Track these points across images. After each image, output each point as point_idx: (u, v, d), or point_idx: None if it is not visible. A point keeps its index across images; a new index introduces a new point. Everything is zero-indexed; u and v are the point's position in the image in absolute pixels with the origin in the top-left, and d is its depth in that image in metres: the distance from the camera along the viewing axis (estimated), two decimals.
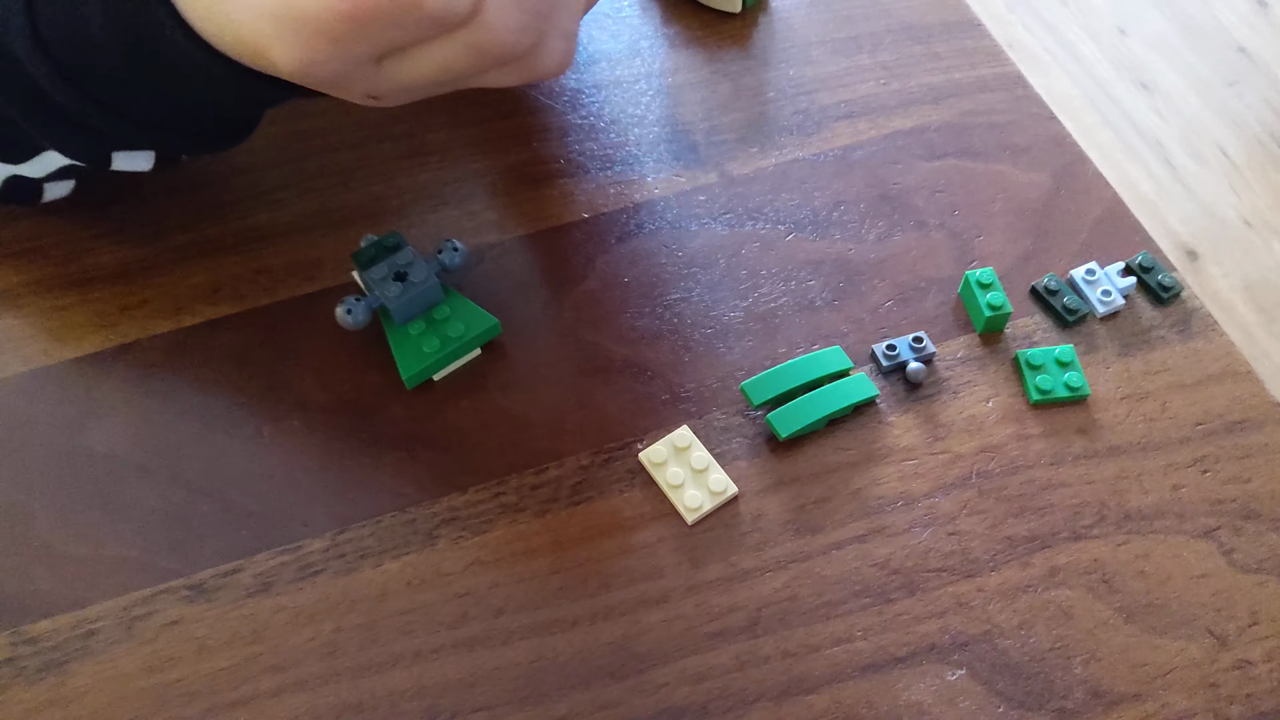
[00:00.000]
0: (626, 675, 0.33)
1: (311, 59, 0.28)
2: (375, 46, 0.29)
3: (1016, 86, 0.48)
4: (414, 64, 0.30)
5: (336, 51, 0.28)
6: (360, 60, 0.29)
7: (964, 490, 0.37)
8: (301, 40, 0.28)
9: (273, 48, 0.28)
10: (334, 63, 0.28)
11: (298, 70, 0.28)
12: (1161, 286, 0.41)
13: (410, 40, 0.29)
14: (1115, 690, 0.33)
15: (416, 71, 0.30)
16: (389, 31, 0.28)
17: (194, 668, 0.33)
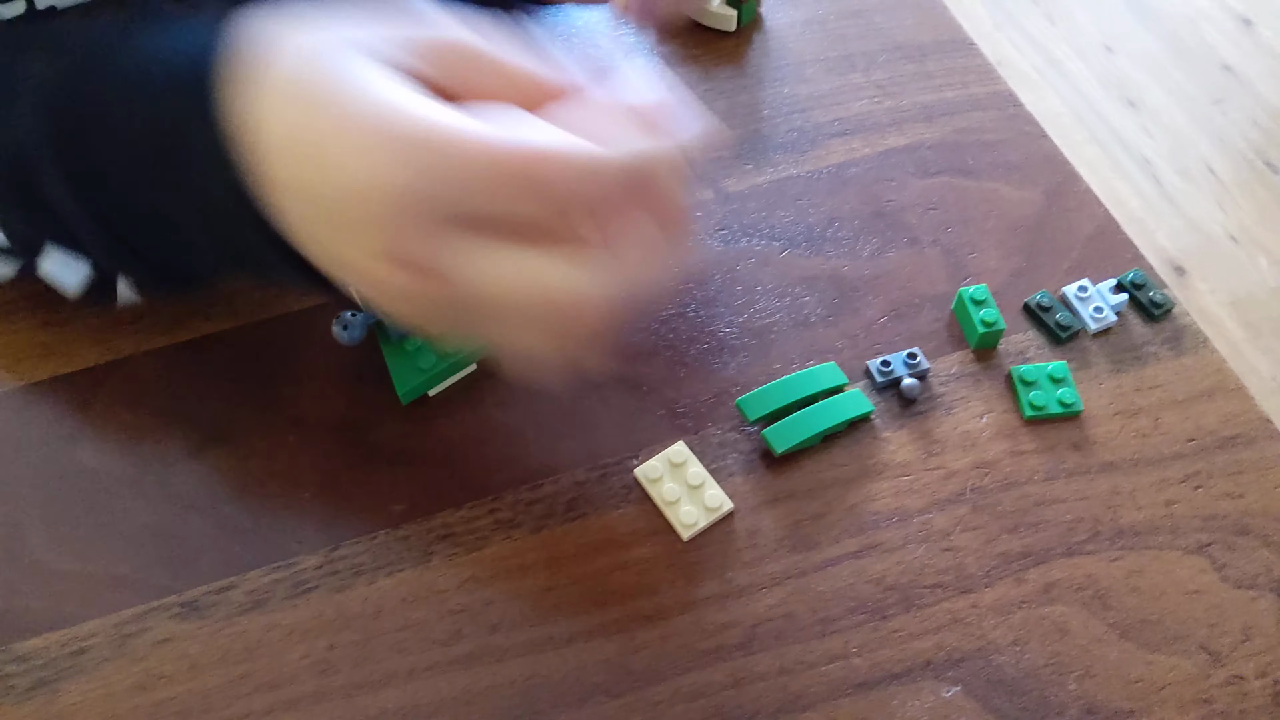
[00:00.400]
0: (622, 693, 0.33)
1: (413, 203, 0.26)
2: (486, 210, 0.26)
3: (1008, 105, 0.49)
4: (501, 263, 0.26)
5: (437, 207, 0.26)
6: (458, 231, 0.26)
7: (958, 506, 0.37)
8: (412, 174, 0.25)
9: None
10: (430, 223, 0.26)
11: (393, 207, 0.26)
12: (1153, 303, 0.42)
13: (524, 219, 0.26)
14: (1110, 706, 0.33)
15: (498, 272, 0.26)
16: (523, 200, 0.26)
17: (186, 686, 0.33)
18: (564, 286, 0.27)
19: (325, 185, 0.27)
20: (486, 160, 0.26)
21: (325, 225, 0.28)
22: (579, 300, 0.27)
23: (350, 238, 0.27)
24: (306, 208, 0.28)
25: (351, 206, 0.27)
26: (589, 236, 0.27)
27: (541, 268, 0.27)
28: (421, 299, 0.27)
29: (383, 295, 0.28)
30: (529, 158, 0.26)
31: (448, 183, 0.26)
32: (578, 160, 0.26)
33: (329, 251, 0.28)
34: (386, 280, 0.27)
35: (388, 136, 0.26)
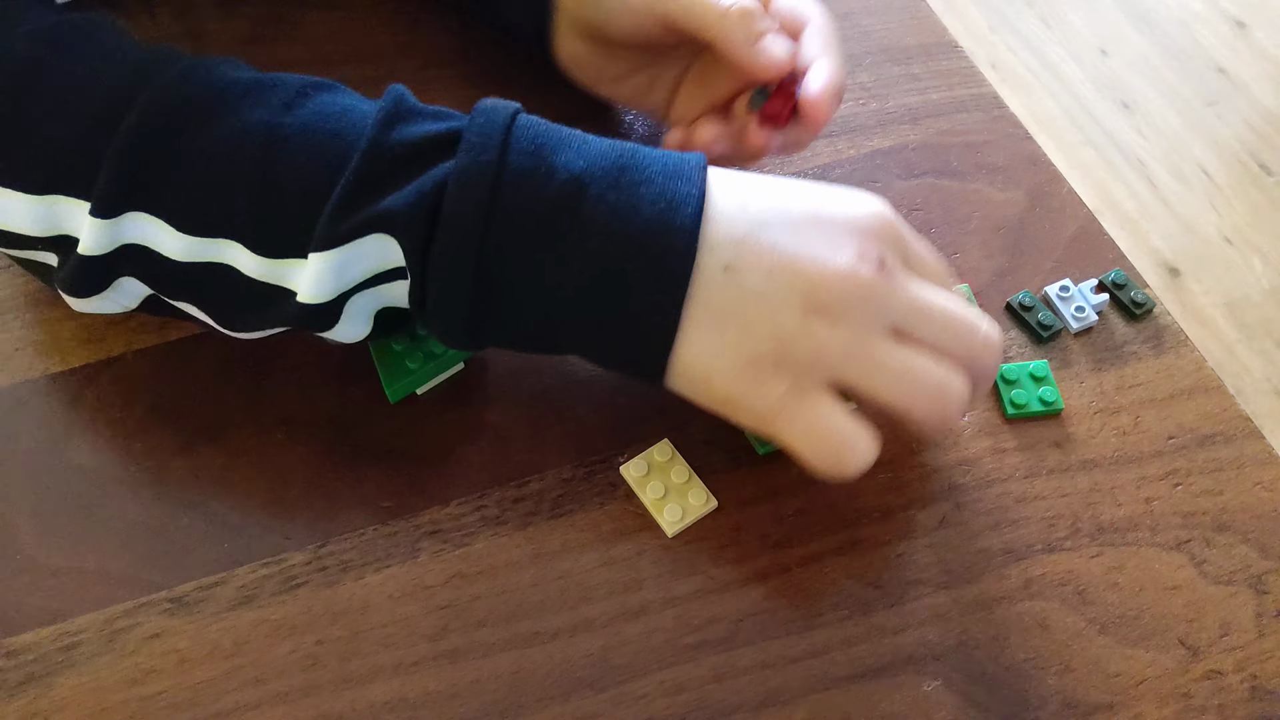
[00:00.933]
0: (606, 687, 0.33)
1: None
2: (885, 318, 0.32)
3: (993, 107, 0.49)
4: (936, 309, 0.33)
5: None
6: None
7: (940, 503, 0.37)
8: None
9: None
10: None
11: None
12: (1134, 303, 0.42)
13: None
14: (1089, 700, 0.33)
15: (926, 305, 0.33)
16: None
17: (175, 680, 0.33)
18: (982, 331, 0.34)
19: (798, 202, 0.33)
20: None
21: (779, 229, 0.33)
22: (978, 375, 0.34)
23: (825, 232, 0.32)
24: (768, 214, 0.33)
25: (837, 211, 0.33)
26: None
27: (966, 313, 0.34)
28: (860, 297, 0.31)
29: (811, 305, 0.32)
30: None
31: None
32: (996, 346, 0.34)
33: (769, 253, 0.32)
34: (842, 262, 0.31)
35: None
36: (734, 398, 0.33)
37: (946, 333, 0.33)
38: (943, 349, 0.32)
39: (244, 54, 0.50)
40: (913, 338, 0.32)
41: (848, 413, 0.32)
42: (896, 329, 0.32)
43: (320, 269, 0.32)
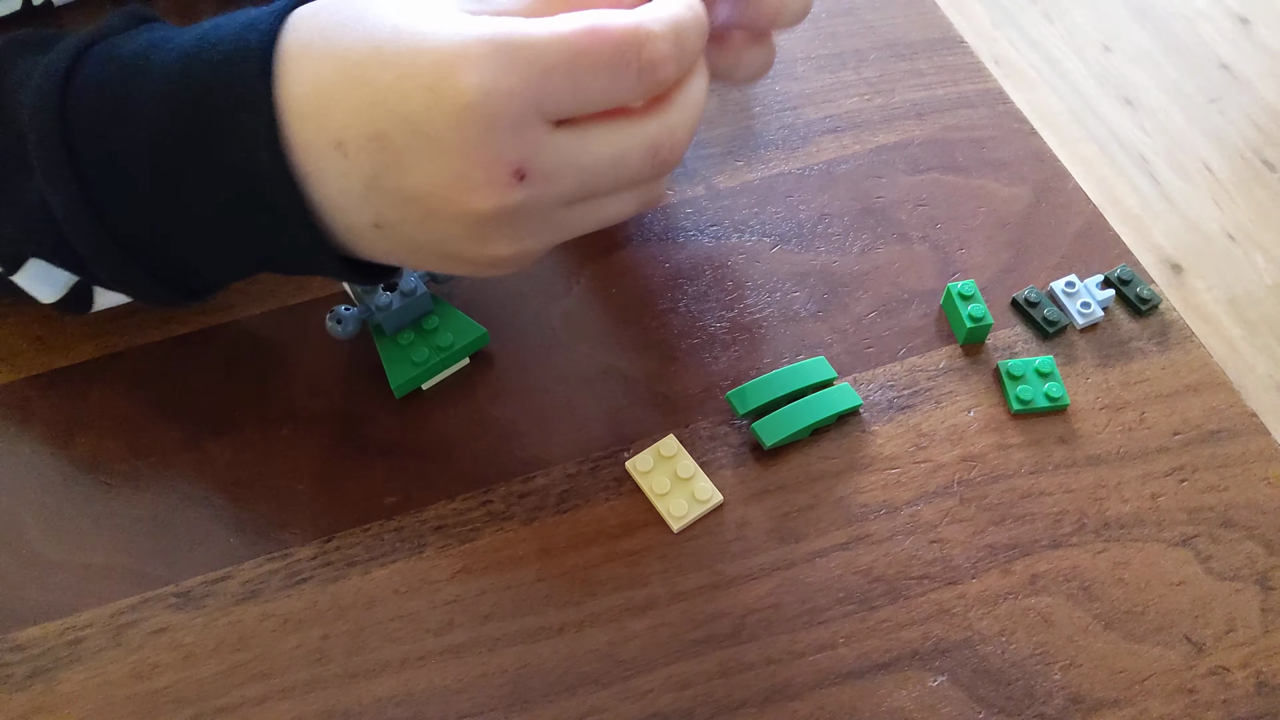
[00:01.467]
0: (612, 682, 0.33)
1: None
2: (572, 101, 0.27)
3: (998, 102, 0.49)
4: (589, 145, 0.28)
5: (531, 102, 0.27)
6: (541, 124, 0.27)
7: (946, 499, 0.37)
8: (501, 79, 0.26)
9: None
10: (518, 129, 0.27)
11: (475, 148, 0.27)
12: (1140, 299, 0.42)
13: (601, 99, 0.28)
14: (1094, 696, 0.33)
15: (590, 157, 0.28)
16: (597, 80, 0.27)
17: (181, 675, 0.33)
18: (661, 137, 0.29)
19: (393, 119, 0.27)
20: (566, 48, 0.26)
21: (399, 170, 0.27)
22: (676, 144, 0.29)
23: (440, 167, 0.27)
24: (373, 157, 0.27)
25: (438, 129, 0.26)
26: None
27: (639, 128, 0.29)
28: (518, 211, 0.28)
29: (476, 233, 0.28)
30: (625, 37, 0.27)
31: (533, 79, 0.26)
32: (677, 22, 0.28)
33: (407, 205, 0.28)
34: (480, 208, 0.27)
35: (455, 47, 0.26)
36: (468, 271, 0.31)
37: (623, 174, 0.29)
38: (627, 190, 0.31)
39: None
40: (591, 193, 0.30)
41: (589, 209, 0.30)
42: (573, 194, 0.29)
43: (25, 283, 0.33)
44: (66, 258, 0.33)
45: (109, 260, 0.32)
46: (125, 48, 0.30)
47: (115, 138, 0.30)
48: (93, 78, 0.30)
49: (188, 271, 0.33)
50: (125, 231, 0.31)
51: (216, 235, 0.31)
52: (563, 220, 0.30)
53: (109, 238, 0.31)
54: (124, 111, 0.29)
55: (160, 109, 0.29)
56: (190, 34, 0.30)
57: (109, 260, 0.32)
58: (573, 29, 0.27)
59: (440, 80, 0.26)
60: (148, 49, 0.30)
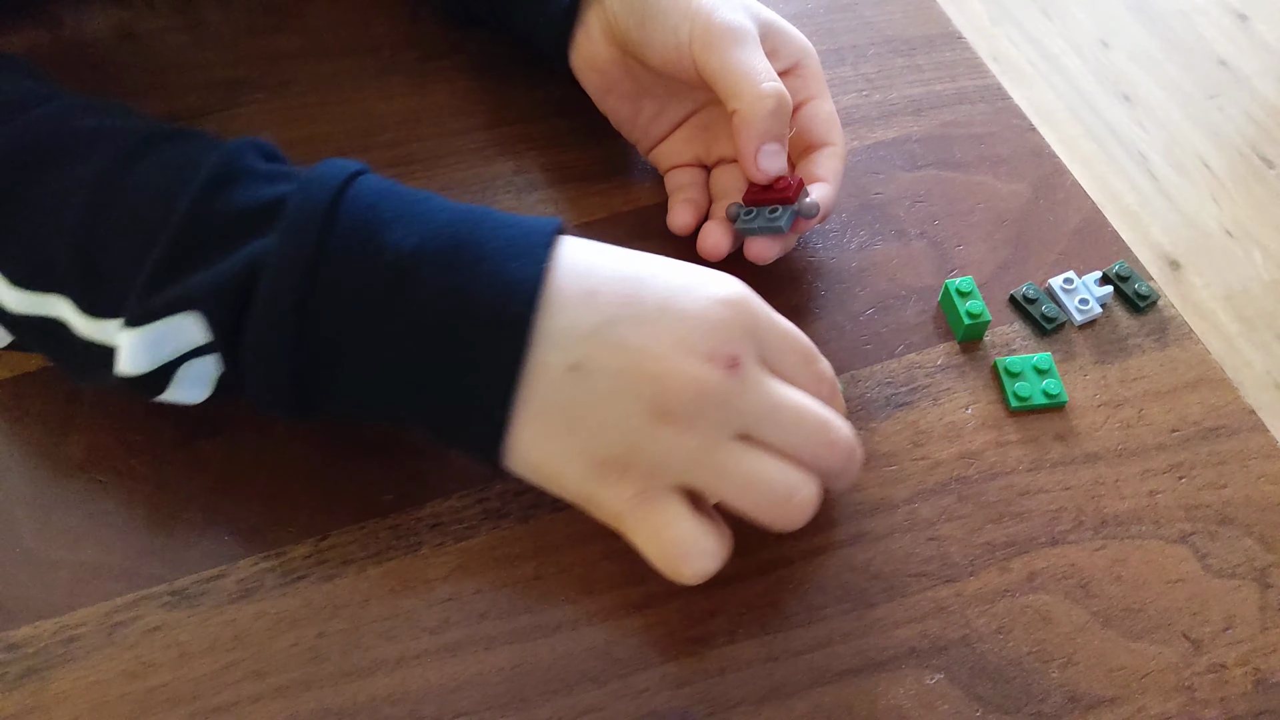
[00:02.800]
0: (608, 680, 0.33)
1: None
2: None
3: (997, 98, 0.49)
4: (788, 391, 0.32)
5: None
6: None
7: (943, 496, 0.37)
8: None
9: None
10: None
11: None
12: (1138, 295, 0.42)
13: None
14: (1092, 694, 0.33)
15: (782, 397, 0.31)
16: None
17: (175, 674, 0.33)
18: (835, 428, 0.32)
19: (649, 290, 0.31)
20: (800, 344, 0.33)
21: (634, 321, 0.31)
22: (843, 439, 0.33)
23: (672, 328, 0.30)
24: (617, 307, 0.31)
25: (685, 304, 0.31)
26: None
27: (819, 409, 0.32)
28: (711, 400, 0.30)
29: (663, 407, 0.30)
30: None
31: (769, 320, 0.32)
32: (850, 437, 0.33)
33: (620, 351, 0.31)
34: (687, 371, 0.30)
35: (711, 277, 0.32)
36: (584, 496, 0.32)
37: (796, 434, 0.31)
38: (791, 451, 0.31)
39: (243, 44, 0.50)
40: (761, 440, 0.31)
41: (693, 519, 0.31)
42: (746, 432, 0.31)
43: (133, 344, 0.31)
44: (226, 327, 0.31)
45: (271, 342, 0.31)
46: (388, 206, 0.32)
47: (354, 299, 0.31)
48: (356, 206, 0.31)
49: (326, 382, 0.32)
50: (307, 326, 0.31)
51: (397, 365, 0.31)
52: (727, 454, 0.31)
53: (293, 323, 0.31)
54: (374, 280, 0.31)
55: (414, 354, 0.31)
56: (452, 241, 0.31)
57: (271, 342, 0.31)
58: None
59: (702, 283, 0.32)
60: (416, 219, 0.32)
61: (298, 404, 0.32)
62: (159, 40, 0.49)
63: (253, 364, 0.31)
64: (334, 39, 0.50)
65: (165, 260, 0.31)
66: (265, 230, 0.31)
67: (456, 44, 0.50)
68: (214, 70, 0.48)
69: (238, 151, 0.32)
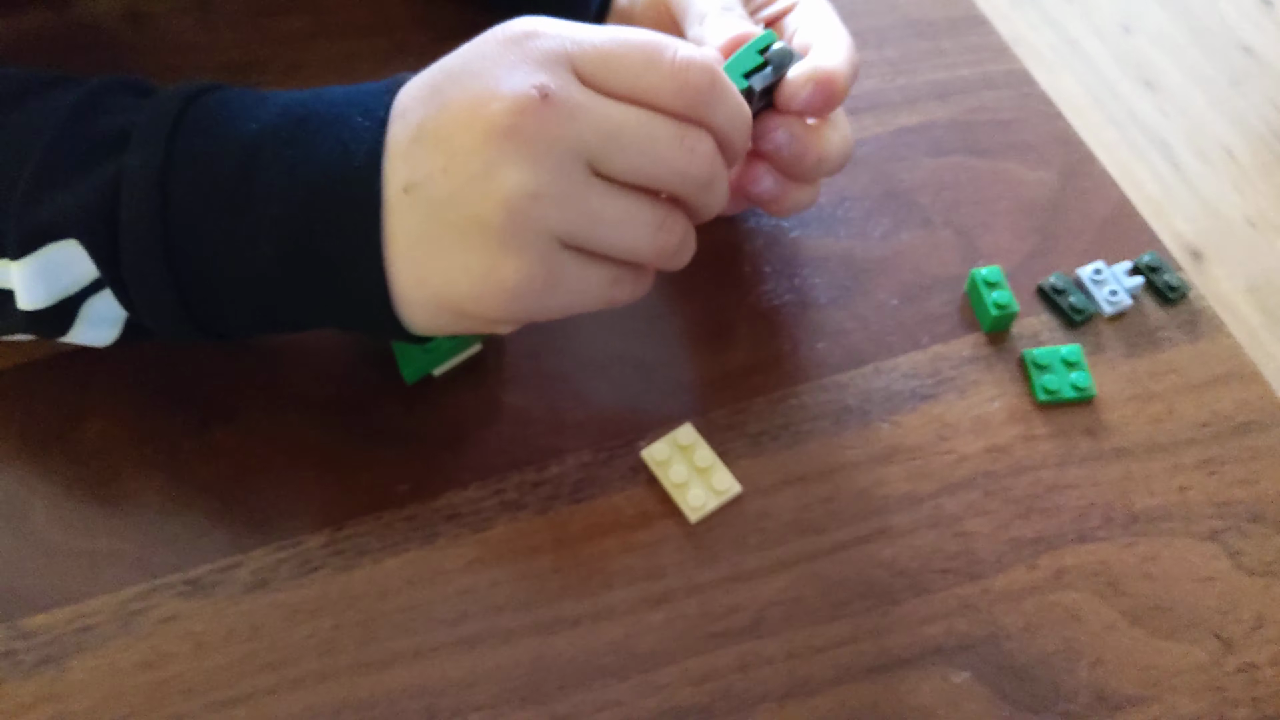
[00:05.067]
0: (629, 675, 0.33)
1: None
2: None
3: (1023, 84, 0.48)
4: (617, 108, 0.29)
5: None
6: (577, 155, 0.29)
7: (970, 491, 0.36)
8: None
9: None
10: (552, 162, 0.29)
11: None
12: (1169, 287, 0.41)
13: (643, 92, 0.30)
14: (1121, 693, 0.33)
15: (615, 117, 0.29)
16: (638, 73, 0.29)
17: (191, 664, 0.33)
18: (692, 142, 0.30)
19: (446, 71, 0.30)
20: (602, 31, 0.30)
21: (439, 109, 0.29)
22: (705, 159, 0.31)
23: (471, 87, 0.29)
24: (423, 107, 0.30)
25: (477, 61, 0.30)
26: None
27: (672, 124, 0.30)
28: (537, 134, 0.28)
29: (494, 157, 0.29)
30: (660, 40, 0.30)
31: (568, 39, 0.30)
32: (709, 63, 0.30)
33: (437, 146, 0.29)
34: (500, 117, 0.28)
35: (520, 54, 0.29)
36: (487, 308, 0.31)
37: (650, 149, 0.30)
38: (649, 169, 0.30)
39: (253, 26, 0.49)
40: (613, 174, 0.30)
41: (599, 260, 0.31)
42: (592, 164, 0.29)
43: (23, 277, 0.31)
44: (103, 251, 0.31)
45: (150, 271, 0.31)
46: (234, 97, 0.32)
47: (207, 163, 0.31)
48: (204, 111, 0.31)
49: (219, 305, 0.33)
50: (181, 244, 0.31)
51: (256, 221, 0.31)
52: (581, 193, 0.29)
53: (164, 251, 0.31)
54: (223, 150, 0.31)
55: (276, 237, 0.30)
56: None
57: (150, 271, 0.31)
58: (610, 28, 0.30)
59: (494, 37, 0.30)
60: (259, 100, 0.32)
61: (192, 320, 0.32)
62: (167, 21, 0.49)
63: (135, 284, 0.31)
64: (345, 20, 0.49)
65: (30, 191, 0.31)
66: (124, 150, 0.31)
67: (471, 25, 0.49)
68: (223, 52, 0.48)
69: (103, 86, 0.32)
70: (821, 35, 0.36)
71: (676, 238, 0.32)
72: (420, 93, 0.31)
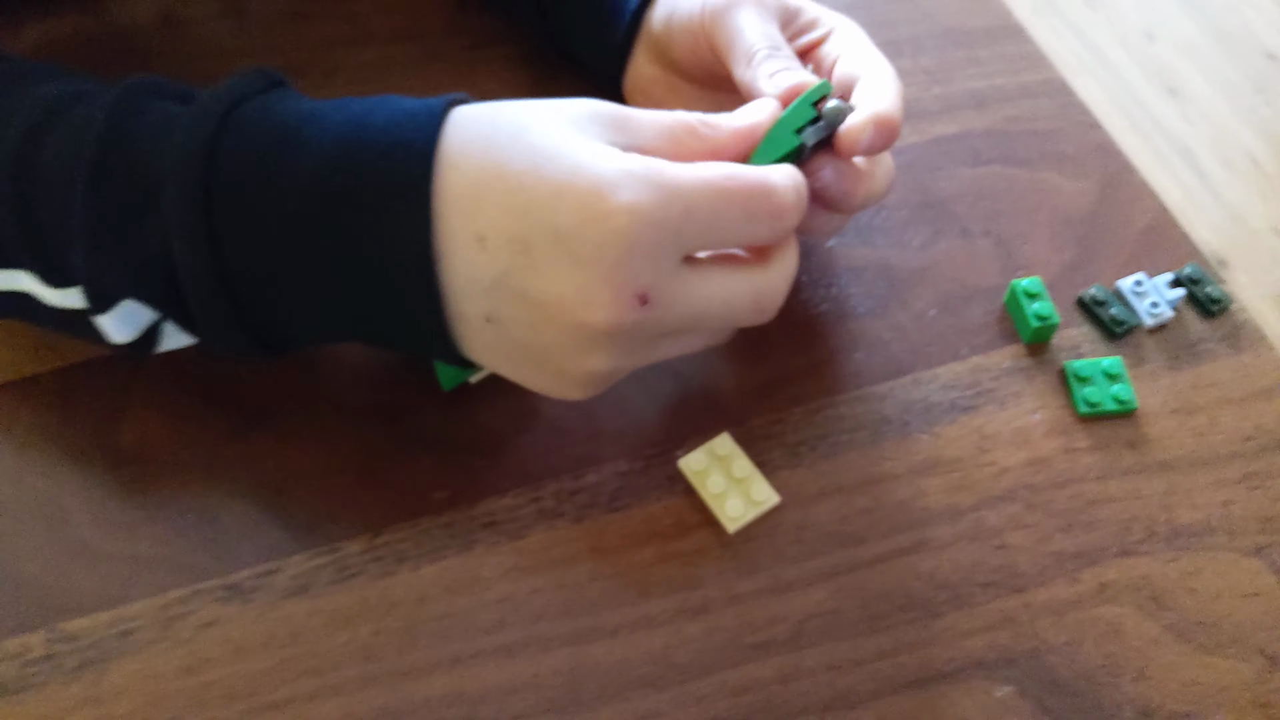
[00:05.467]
0: (667, 686, 0.33)
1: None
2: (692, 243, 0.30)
3: (1060, 93, 0.48)
4: (709, 286, 0.30)
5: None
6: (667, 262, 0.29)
7: (1011, 504, 0.36)
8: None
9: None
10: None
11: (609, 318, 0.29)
12: (1210, 299, 0.41)
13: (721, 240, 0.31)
14: (1165, 709, 0.32)
15: (705, 296, 0.30)
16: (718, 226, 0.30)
17: (231, 669, 0.33)
18: (764, 287, 0.31)
19: (540, 228, 0.28)
20: (710, 189, 0.29)
21: (532, 273, 0.29)
22: (776, 296, 0.32)
23: (572, 278, 0.28)
24: (511, 257, 0.29)
25: (581, 243, 0.28)
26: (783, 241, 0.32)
27: (748, 277, 0.31)
28: (630, 333, 0.29)
29: (583, 347, 0.30)
30: (758, 186, 0.30)
31: (677, 213, 0.28)
32: (797, 183, 0.31)
33: (527, 306, 0.29)
34: (597, 323, 0.28)
35: (611, 174, 0.28)
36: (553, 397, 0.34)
37: (727, 328, 0.33)
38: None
39: (288, 31, 0.49)
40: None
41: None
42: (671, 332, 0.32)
43: (109, 323, 0.32)
44: (169, 304, 0.32)
45: (215, 313, 0.31)
46: (274, 116, 0.31)
47: (259, 205, 0.30)
48: (242, 144, 0.30)
49: (286, 335, 0.33)
50: (241, 290, 0.31)
51: (333, 307, 0.32)
52: (656, 348, 0.32)
53: (224, 292, 0.31)
54: (272, 183, 0.30)
55: (311, 188, 0.30)
56: (342, 113, 0.31)
57: (215, 313, 0.31)
58: (715, 173, 0.29)
59: (594, 201, 0.28)
60: (299, 123, 0.31)
61: (262, 347, 0.33)
62: (203, 27, 0.49)
63: (207, 331, 0.32)
64: (380, 25, 0.50)
65: (87, 238, 0.31)
66: (161, 195, 0.30)
67: (504, 34, 0.49)
68: (258, 57, 0.48)
69: (123, 103, 0.31)
70: (867, 69, 0.36)
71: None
72: (502, 218, 0.29)
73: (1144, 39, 1.52)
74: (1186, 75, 1.48)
